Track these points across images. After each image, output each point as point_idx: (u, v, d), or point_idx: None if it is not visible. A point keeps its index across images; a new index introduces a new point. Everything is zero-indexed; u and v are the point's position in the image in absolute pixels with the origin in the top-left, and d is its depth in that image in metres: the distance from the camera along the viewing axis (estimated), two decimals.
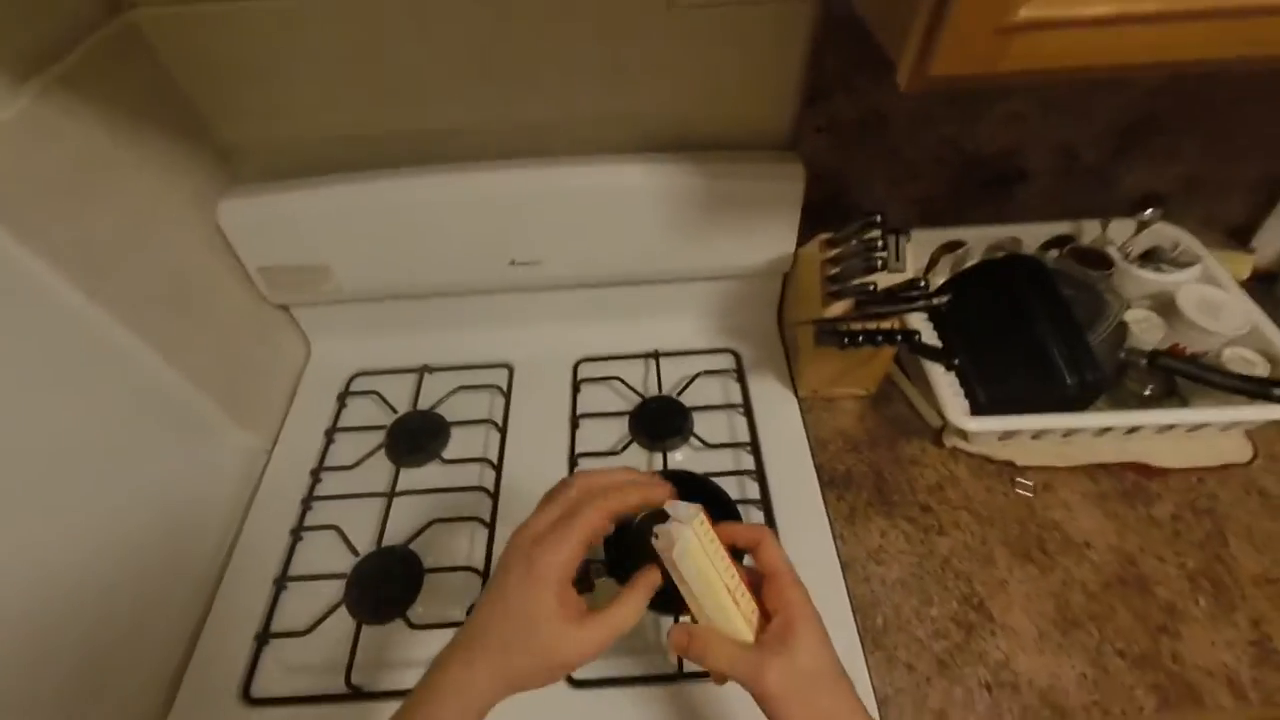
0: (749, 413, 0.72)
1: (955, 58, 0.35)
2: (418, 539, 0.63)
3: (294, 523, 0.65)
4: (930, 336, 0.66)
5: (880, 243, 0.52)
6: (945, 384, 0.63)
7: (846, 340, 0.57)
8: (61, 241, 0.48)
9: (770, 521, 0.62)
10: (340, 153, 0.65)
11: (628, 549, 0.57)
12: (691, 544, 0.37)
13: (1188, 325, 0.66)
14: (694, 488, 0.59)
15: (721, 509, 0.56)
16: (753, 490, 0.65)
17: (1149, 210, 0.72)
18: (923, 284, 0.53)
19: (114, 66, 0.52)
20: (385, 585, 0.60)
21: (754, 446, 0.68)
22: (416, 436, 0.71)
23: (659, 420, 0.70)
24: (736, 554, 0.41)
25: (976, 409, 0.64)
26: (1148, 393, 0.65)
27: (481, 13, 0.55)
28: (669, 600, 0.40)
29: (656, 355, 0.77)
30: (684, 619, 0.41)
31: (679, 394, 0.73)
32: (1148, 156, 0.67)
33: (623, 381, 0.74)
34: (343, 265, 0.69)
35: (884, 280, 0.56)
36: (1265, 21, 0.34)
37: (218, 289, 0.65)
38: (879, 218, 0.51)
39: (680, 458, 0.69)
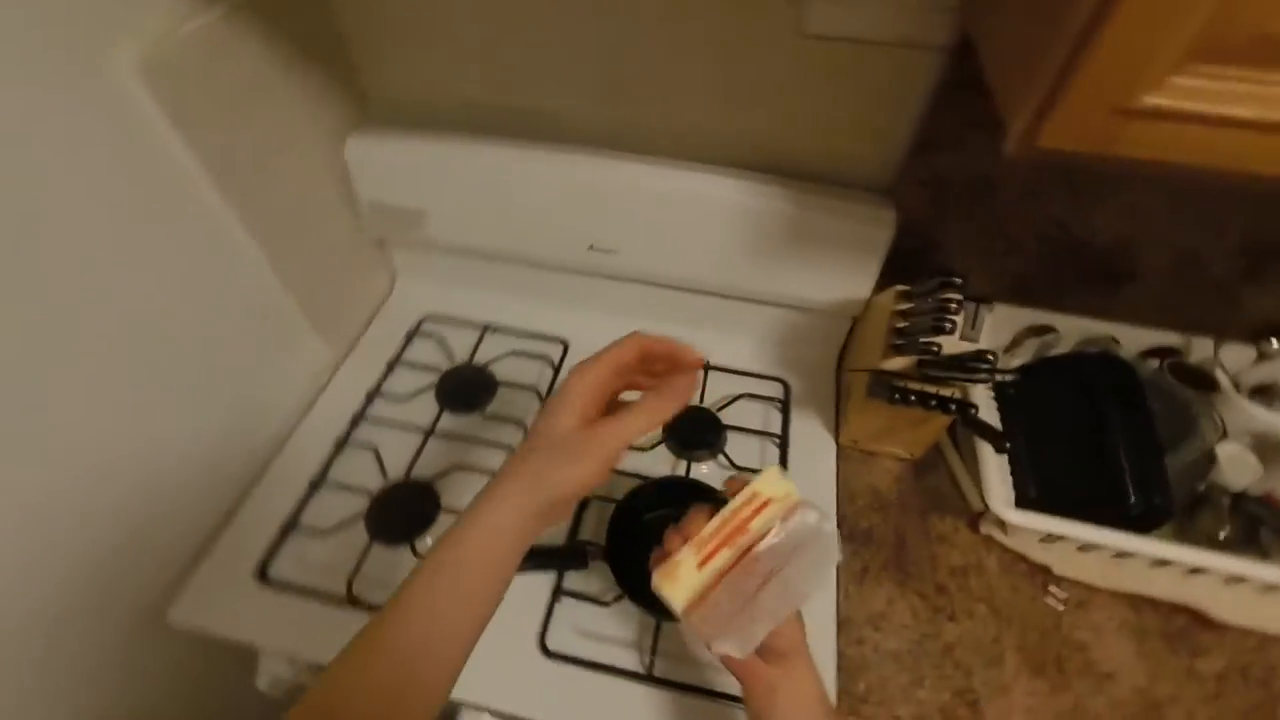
0: (784, 445, 0.71)
1: (1067, 131, 0.34)
2: (442, 479, 0.66)
3: (340, 434, 0.70)
4: (991, 415, 0.63)
5: (955, 305, 0.50)
6: (994, 468, 0.60)
7: (897, 396, 0.56)
8: (215, 146, 0.54)
9: None
10: (462, 115, 0.70)
11: (629, 537, 0.58)
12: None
13: None
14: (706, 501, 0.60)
15: None
16: None
17: (1275, 341, 0.65)
18: (991, 358, 0.51)
19: (290, 2, 0.59)
20: (403, 513, 0.64)
21: None
22: (466, 387, 0.75)
23: (693, 430, 0.71)
24: None
25: (1024, 502, 0.60)
26: (1222, 536, 0.59)
27: (613, 11, 0.58)
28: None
29: (706, 367, 0.77)
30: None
31: (719, 410, 0.73)
32: None
33: None
34: (439, 215, 0.74)
35: (951, 345, 0.54)
36: None
37: (330, 213, 0.72)
38: (959, 280, 0.50)
39: (705, 470, 0.69)
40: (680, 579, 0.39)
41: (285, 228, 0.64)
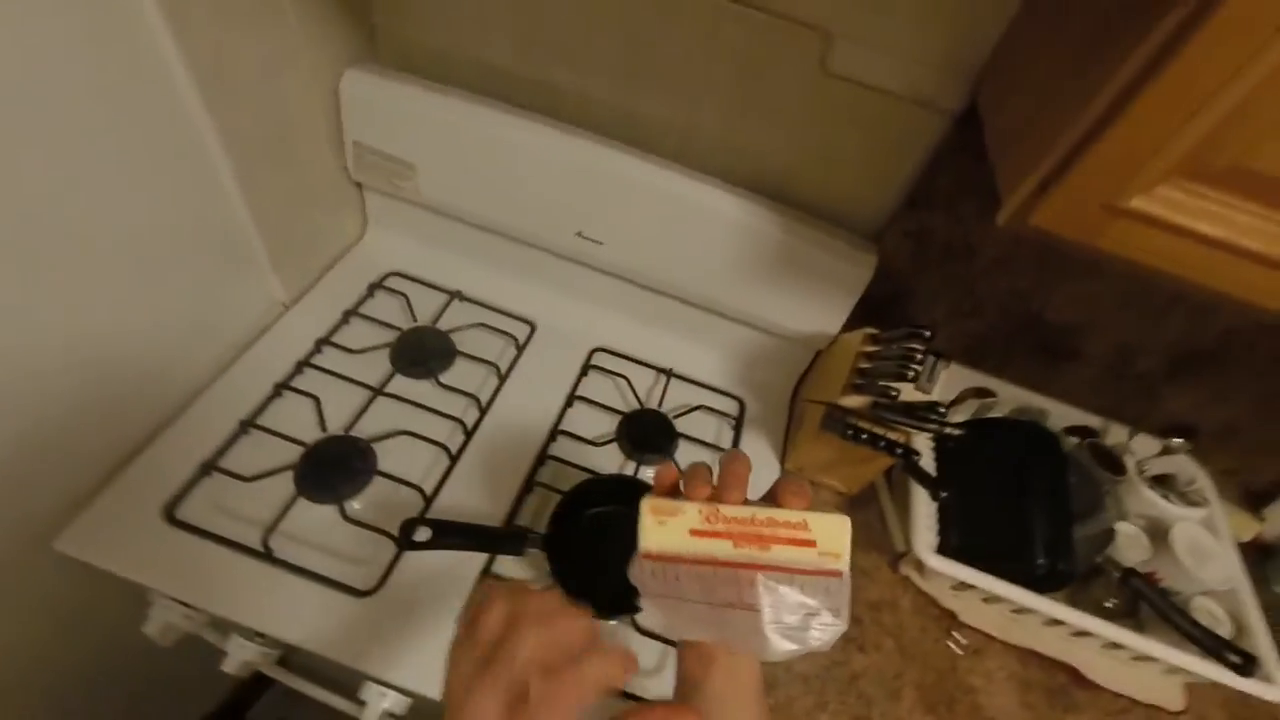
0: None
1: (1057, 217, 0.36)
2: (384, 441, 0.64)
3: (281, 378, 0.66)
4: (929, 464, 0.67)
5: (919, 357, 0.53)
6: (924, 514, 0.63)
7: (850, 433, 0.58)
8: (207, 49, 0.50)
9: None
10: (471, 74, 0.68)
11: (571, 529, 0.58)
12: None
13: (1172, 560, 0.66)
14: None
15: None
16: None
17: (1178, 439, 0.72)
18: (942, 410, 0.54)
19: None
20: (336, 470, 0.61)
21: None
22: (423, 351, 0.73)
23: (647, 433, 0.71)
24: None
25: (945, 550, 0.64)
26: (1109, 605, 0.65)
27: (649, 6, 0.58)
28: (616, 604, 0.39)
29: (670, 373, 0.78)
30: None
31: (675, 417, 0.74)
32: (1197, 388, 0.68)
33: (629, 383, 0.75)
34: (428, 170, 0.71)
35: (908, 393, 0.57)
36: None
37: (310, 146, 0.68)
38: (928, 334, 0.52)
39: (650, 474, 0.70)
40: (668, 526, 0.35)
41: (262, 149, 0.60)
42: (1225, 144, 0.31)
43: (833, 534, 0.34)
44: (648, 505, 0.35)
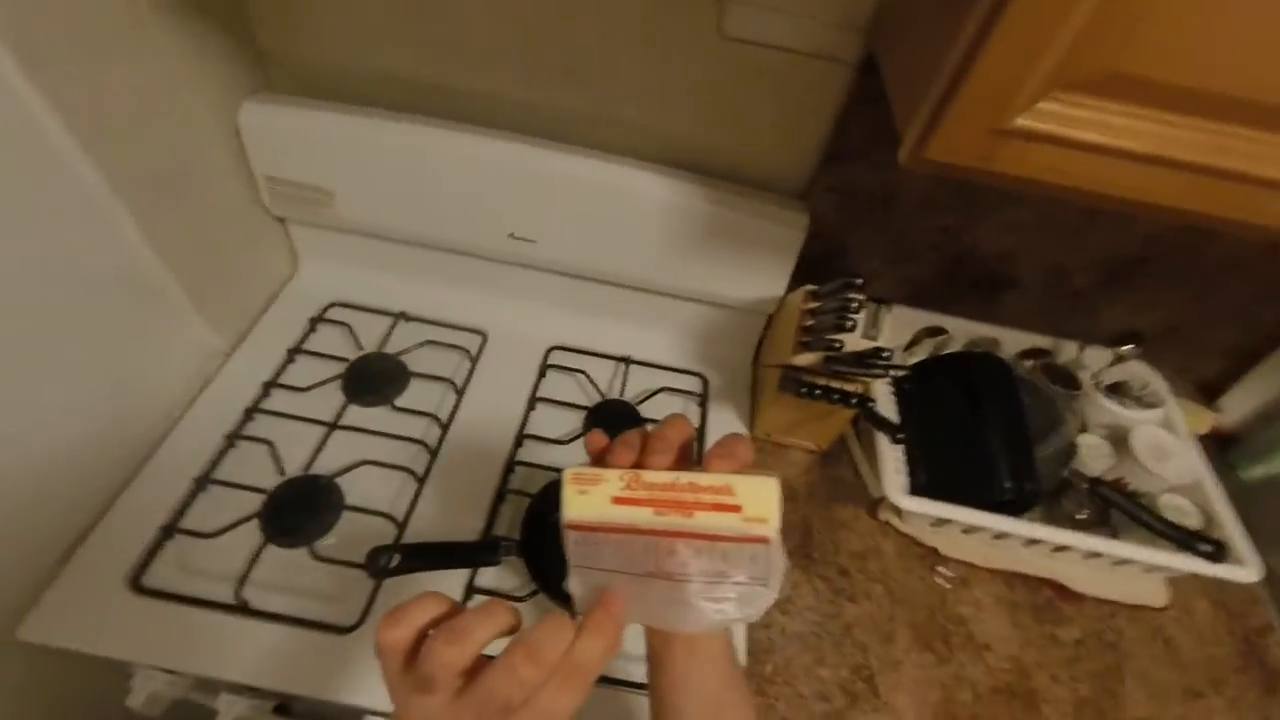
0: (700, 439, 0.72)
1: (950, 146, 0.37)
2: (346, 474, 0.63)
3: (231, 428, 0.65)
4: (889, 409, 0.68)
5: (856, 305, 0.53)
6: (890, 458, 0.64)
7: (804, 390, 0.58)
8: (79, 97, 0.48)
9: None
10: (374, 88, 0.66)
11: (545, 531, 0.58)
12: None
13: (1135, 463, 0.68)
14: None
15: None
16: None
17: (1128, 346, 0.73)
18: (887, 354, 0.55)
19: None
20: (302, 511, 0.60)
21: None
22: (375, 378, 0.72)
23: (614, 423, 0.71)
24: None
25: (916, 490, 0.65)
26: (1081, 516, 0.67)
27: None
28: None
29: (628, 361, 0.78)
30: None
31: (639, 403, 0.74)
32: (1132, 295, 0.69)
33: (588, 377, 0.75)
34: (347, 194, 0.70)
35: (853, 342, 0.58)
36: (1242, 189, 0.36)
37: (219, 185, 0.66)
38: (860, 281, 0.53)
39: None
40: (590, 495, 0.33)
41: (165, 196, 0.58)
42: (1091, 51, 0.32)
43: (759, 498, 0.32)
44: (569, 475, 0.34)
